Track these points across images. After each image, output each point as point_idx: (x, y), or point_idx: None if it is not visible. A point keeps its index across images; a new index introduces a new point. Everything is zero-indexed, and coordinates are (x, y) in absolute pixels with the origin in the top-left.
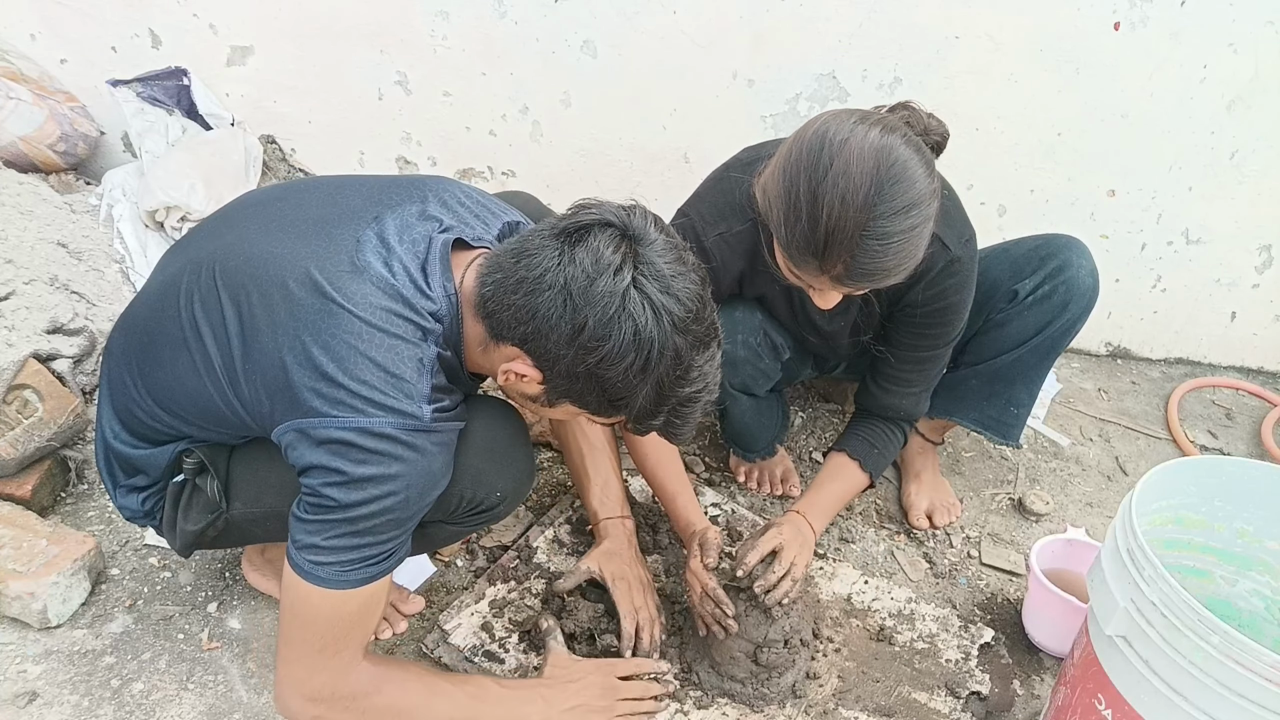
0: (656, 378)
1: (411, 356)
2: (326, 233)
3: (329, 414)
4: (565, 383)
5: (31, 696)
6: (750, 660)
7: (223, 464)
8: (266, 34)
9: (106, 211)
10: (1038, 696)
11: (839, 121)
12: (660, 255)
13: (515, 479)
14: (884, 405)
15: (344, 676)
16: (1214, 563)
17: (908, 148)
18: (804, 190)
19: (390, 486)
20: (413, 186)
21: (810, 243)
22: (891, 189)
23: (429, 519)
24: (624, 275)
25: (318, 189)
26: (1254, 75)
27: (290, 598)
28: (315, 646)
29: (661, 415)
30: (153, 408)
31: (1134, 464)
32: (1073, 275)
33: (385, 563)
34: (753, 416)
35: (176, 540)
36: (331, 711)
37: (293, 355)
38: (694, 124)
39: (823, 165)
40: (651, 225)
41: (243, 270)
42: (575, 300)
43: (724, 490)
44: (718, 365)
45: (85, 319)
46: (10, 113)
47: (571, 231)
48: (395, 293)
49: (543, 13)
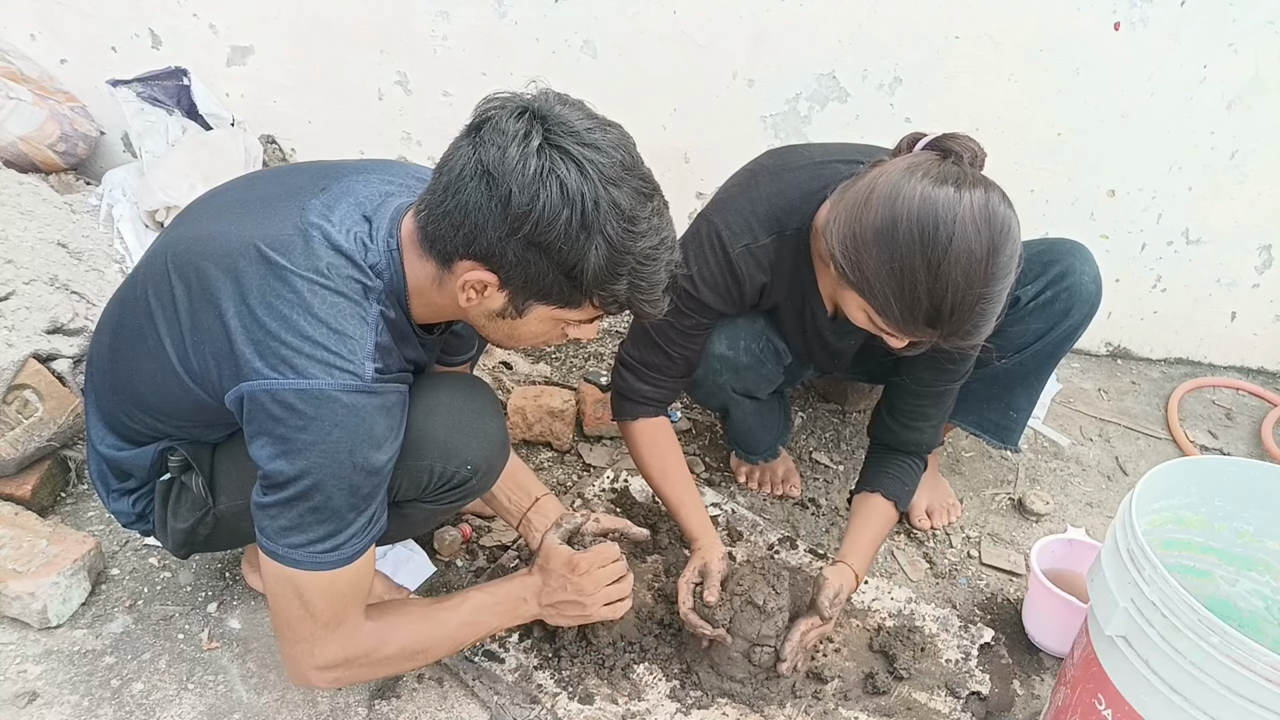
0: (603, 234)
1: (354, 314)
2: (272, 207)
3: (268, 375)
4: (519, 272)
5: (31, 696)
6: (746, 660)
7: (206, 460)
8: (266, 34)
9: (106, 211)
10: (1038, 696)
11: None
12: (569, 116)
13: (484, 450)
14: (904, 440)
15: (353, 640)
16: (1214, 563)
17: (1003, 204)
18: (923, 272)
19: (332, 453)
20: (364, 164)
21: (931, 317)
22: (1004, 253)
23: (403, 498)
24: (533, 138)
25: (270, 174)
26: (1254, 75)
27: (275, 585)
28: (319, 623)
29: (623, 279)
30: (129, 407)
31: (1134, 464)
32: (1075, 281)
33: (360, 539)
34: (755, 419)
35: (169, 540)
36: (348, 672)
37: (238, 319)
38: (694, 124)
39: (940, 244)
40: (555, 99)
41: (192, 250)
42: (494, 175)
43: (724, 490)
44: (668, 220)
45: (85, 319)
46: (10, 113)
47: (475, 124)
48: (336, 248)
49: (543, 13)
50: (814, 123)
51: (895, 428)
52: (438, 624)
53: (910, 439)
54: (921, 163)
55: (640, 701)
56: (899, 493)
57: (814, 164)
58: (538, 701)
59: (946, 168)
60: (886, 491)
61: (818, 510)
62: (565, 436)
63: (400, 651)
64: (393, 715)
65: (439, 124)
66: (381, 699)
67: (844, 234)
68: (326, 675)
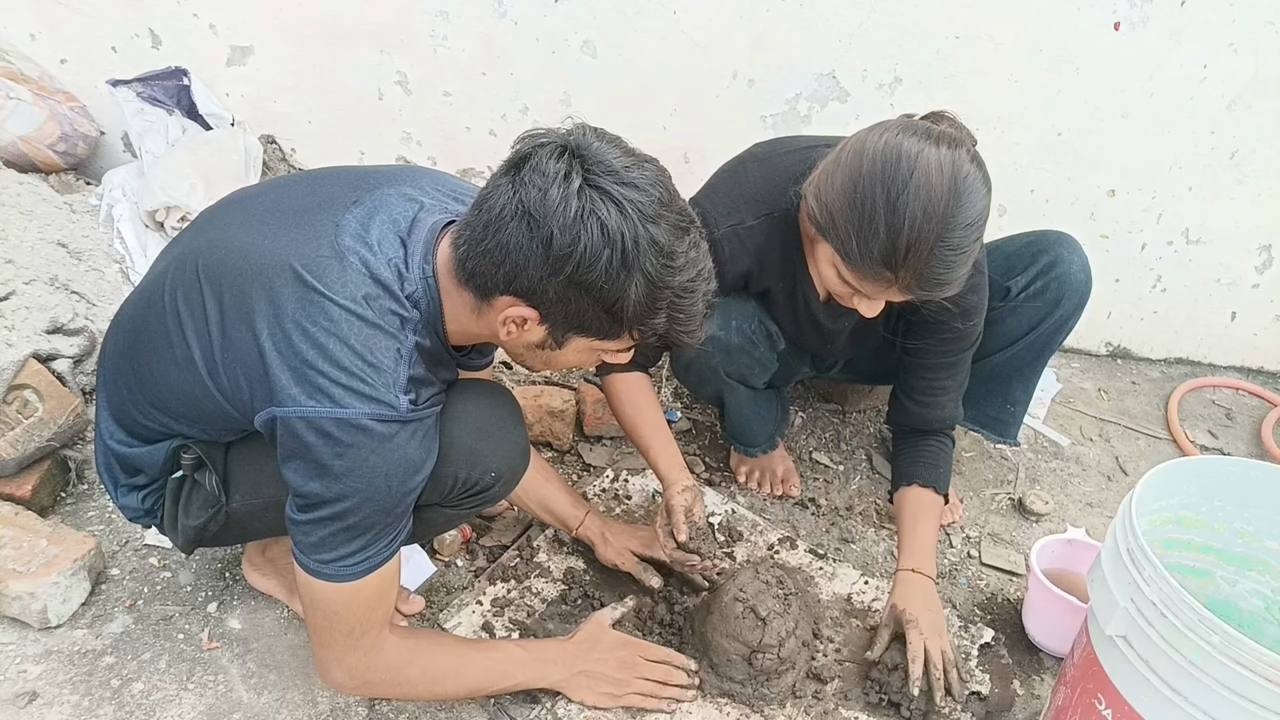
0: (643, 271)
1: (389, 347)
2: (307, 221)
3: (305, 403)
4: (559, 309)
5: (31, 696)
6: (745, 663)
7: (220, 458)
8: (266, 34)
9: (106, 211)
10: (1038, 696)
11: (906, 134)
12: (607, 154)
13: (509, 458)
14: (927, 419)
15: (375, 654)
16: (1214, 563)
17: (972, 163)
18: (881, 202)
19: (369, 478)
20: (392, 173)
21: (887, 253)
22: (967, 199)
23: (425, 502)
24: (573, 179)
25: (299, 181)
26: (1254, 75)
27: (306, 595)
28: (341, 632)
29: (661, 312)
30: (145, 406)
31: (1134, 464)
32: (1064, 271)
33: (388, 549)
34: (751, 409)
35: (179, 537)
36: (371, 686)
37: (271, 341)
38: (694, 124)
39: (900, 177)
40: (593, 134)
41: (224, 263)
42: (535, 218)
43: (724, 490)
44: (705, 252)
45: (85, 319)
46: (10, 113)
47: (515, 162)
48: (375, 278)
49: (543, 13)
50: (814, 123)
51: (914, 408)
52: (464, 661)
53: (933, 416)
54: (898, 121)
55: None
56: (938, 478)
57: (801, 149)
58: (538, 701)
59: (921, 123)
60: (925, 480)
61: (818, 510)
62: (565, 436)
63: (422, 675)
64: (393, 715)
65: (439, 124)
66: (382, 699)
67: (817, 182)
68: (349, 682)
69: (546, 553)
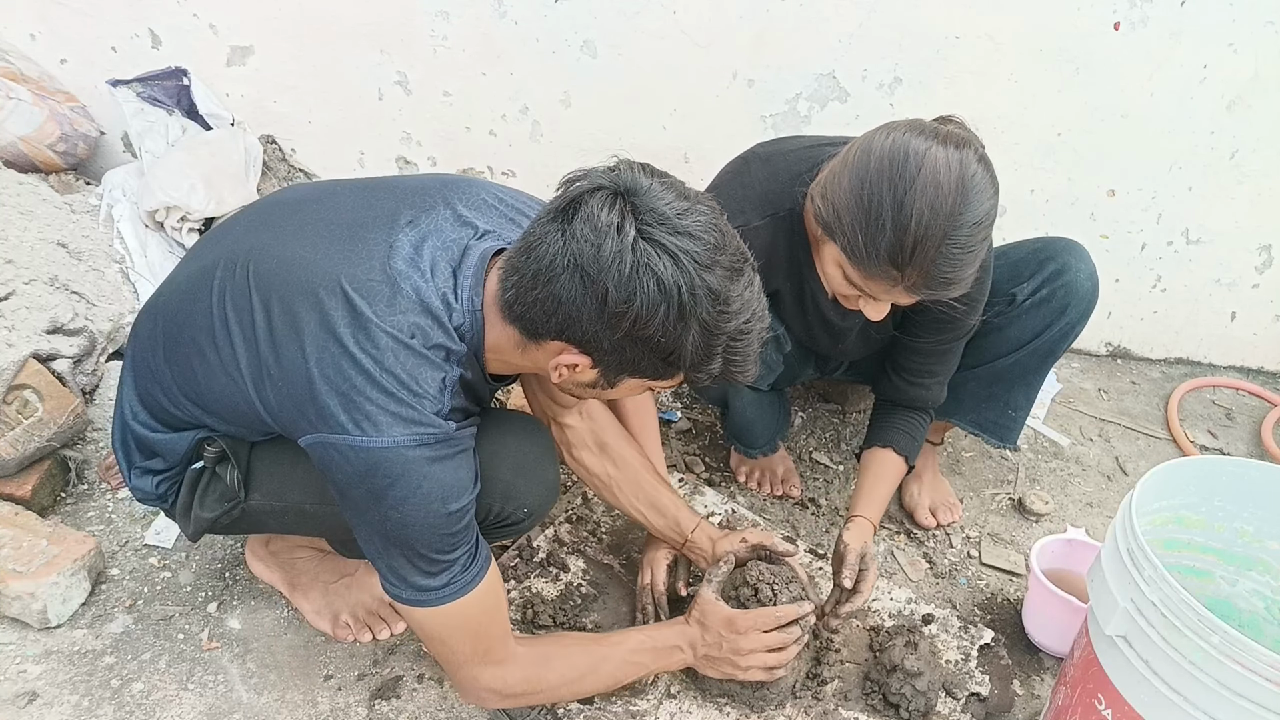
0: (699, 320)
1: (434, 378)
2: (360, 237)
3: (351, 431)
4: (614, 357)
5: (31, 696)
6: None
7: (244, 454)
8: (266, 34)
9: (106, 211)
10: (1038, 696)
11: (914, 134)
12: (659, 199)
13: (542, 495)
14: (910, 397)
15: (508, 666)
16: (1214, 563)
17: (979, 163)
18: (888, 199)
19: (422, 502)
20: (445, 187)
21: (894, 250)
22: (974, 198)
23: None
24: (627, 231)
25: (352, 191)
26: (1254, 75)
27: (418, 629)
28: (464, 655)
29: (717, 357)
30: (177, 395)
31: (1134, 464)
32: (1071, 279)
33: (470, 568)
34: (754, 411)
35: (190, 526)
36: (515, 698)
37: (319, 368)
38: (694, 124)
39: (908, 174)
40: (641, 173)
41: (275, 274)
42: (589, 273)
43: (724, 490)
44: (759, 290)
45: (85, 319)
46: (10, 113)
47: (564, 208)
48: (426, 307)
49: (543, 13)
50: (814, 123)
51: (901, 385)
52: (599, 658)
53: (917, 395)
54: (905, 122)
55: (640, 701)
56: (909, 447)
57: (805, 148)
58: None
59: (929, 124)
60: (898, 446)
61: (818, 510)
62: None
63: (561, 678)
64: (393, 715)
65: (439, 124)
66: (381, 699)
67: (824, 182)
68: (492, 699)
69: (547, 552)
